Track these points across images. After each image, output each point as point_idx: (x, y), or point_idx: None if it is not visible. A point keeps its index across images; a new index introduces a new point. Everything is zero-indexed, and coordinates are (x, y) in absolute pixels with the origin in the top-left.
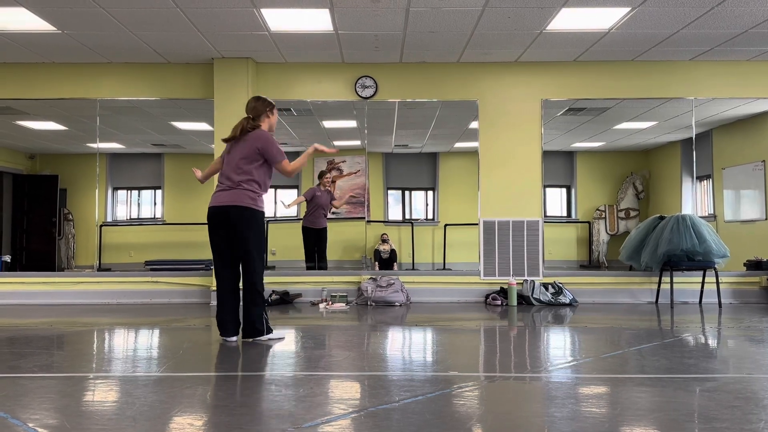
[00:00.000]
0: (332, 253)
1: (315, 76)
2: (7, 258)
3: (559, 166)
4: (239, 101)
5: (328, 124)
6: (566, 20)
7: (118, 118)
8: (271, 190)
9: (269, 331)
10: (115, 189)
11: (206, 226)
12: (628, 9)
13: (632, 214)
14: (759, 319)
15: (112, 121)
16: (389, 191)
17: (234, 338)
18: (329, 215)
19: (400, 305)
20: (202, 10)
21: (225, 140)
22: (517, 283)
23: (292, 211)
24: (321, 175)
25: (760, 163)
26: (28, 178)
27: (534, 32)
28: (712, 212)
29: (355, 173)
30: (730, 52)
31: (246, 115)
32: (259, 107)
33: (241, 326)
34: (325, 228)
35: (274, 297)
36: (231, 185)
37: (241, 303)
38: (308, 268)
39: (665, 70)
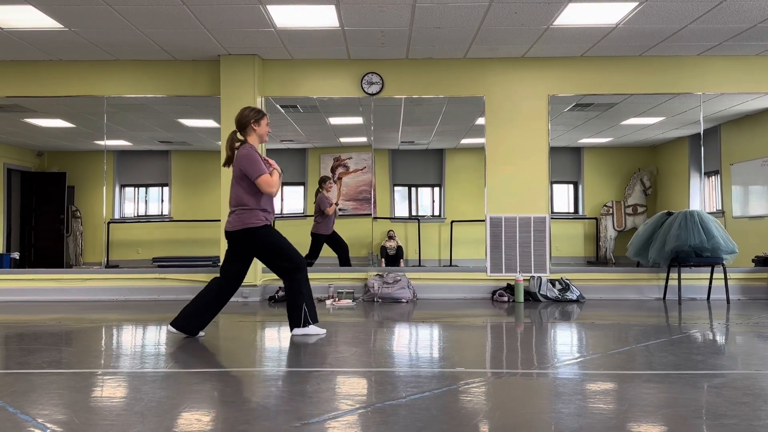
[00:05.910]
0: None
1: (321, 73)
2: (16, 255)
3: (567, 162)
4: (246, 98)
5: (334, 120)
6: (573, 15)
7: (125, 116)
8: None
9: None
10: (123, 186)
11: (214, 222)
12: (635, 4)
13: (640, 210)
14: (767, 316)
15: (119, 119)
16: (395, 188)
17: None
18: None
19: (407, 302)
20: (208, 7)
21: (224, 165)
22: (523, 280)
23: (298, 209)
24: (324, 181)
25: None
26: (36, 175)
27: (541, 27)
28: (720, 208)
29: (361, 170)
30: (738, 47)
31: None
32: (242, 119)
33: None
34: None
35: (280, 294)
36: (231, 209)
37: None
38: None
39: (673, 66)
